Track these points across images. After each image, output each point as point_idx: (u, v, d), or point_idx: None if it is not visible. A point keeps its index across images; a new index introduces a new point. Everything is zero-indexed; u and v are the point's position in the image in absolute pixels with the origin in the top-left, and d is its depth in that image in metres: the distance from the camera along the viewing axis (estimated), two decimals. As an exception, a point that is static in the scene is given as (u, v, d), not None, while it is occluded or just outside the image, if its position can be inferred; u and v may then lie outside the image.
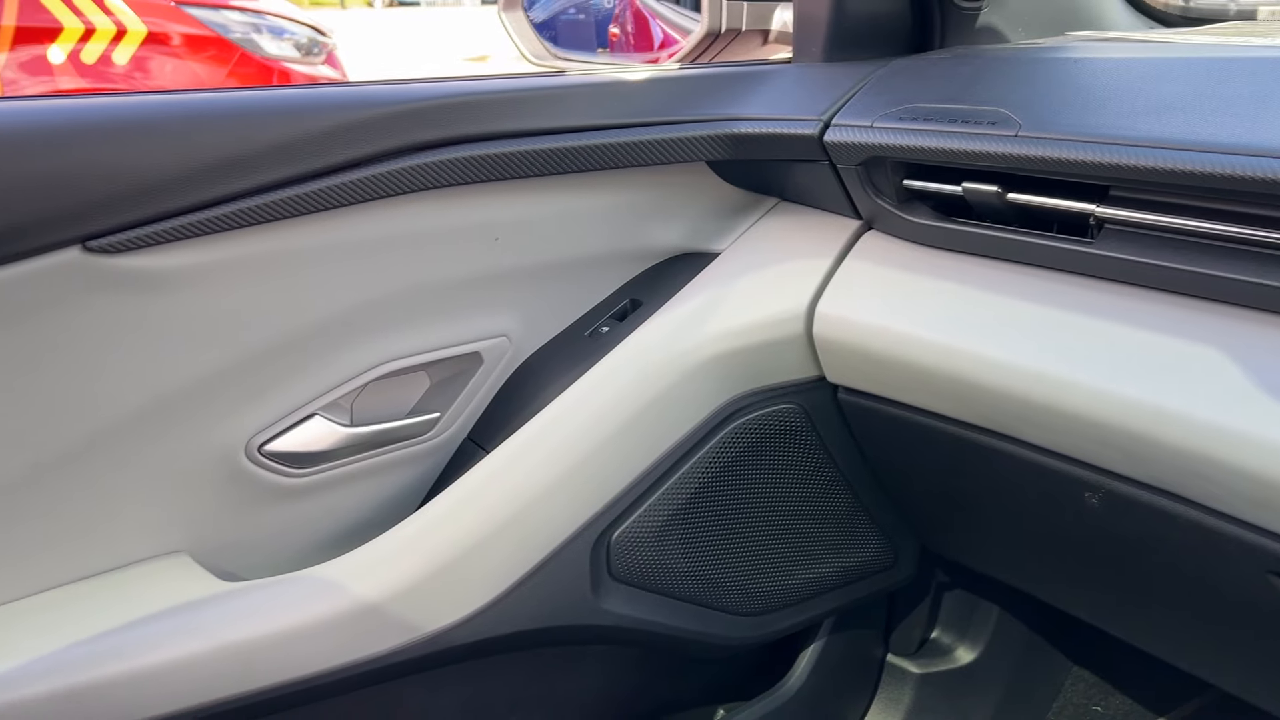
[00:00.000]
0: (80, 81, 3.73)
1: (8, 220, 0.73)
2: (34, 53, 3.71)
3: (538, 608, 0.94)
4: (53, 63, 3.74)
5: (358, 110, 0.85)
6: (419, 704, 1.01)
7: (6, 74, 3.66)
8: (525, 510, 0.92)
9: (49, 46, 3.70)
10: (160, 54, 3.93)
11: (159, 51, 3.92)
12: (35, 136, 0.74)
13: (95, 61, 3.78)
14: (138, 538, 0.86)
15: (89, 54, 3.77)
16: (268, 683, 0.83)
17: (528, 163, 0.91)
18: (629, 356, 0.96)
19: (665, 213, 1.03)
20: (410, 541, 0.89)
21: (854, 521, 1.10)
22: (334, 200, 0.85)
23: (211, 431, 0.87)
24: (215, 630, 0.82)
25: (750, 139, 0.96)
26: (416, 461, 0.99)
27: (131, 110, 0.78)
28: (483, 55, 12.10)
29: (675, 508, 0.99)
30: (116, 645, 0.79)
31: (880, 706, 1.29)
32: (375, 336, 0.93)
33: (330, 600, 0.86)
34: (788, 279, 0.97)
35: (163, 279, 0.81)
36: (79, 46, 3.74)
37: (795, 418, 1.01)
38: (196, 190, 0.79)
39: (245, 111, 0.81)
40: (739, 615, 1.07)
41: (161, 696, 0.80)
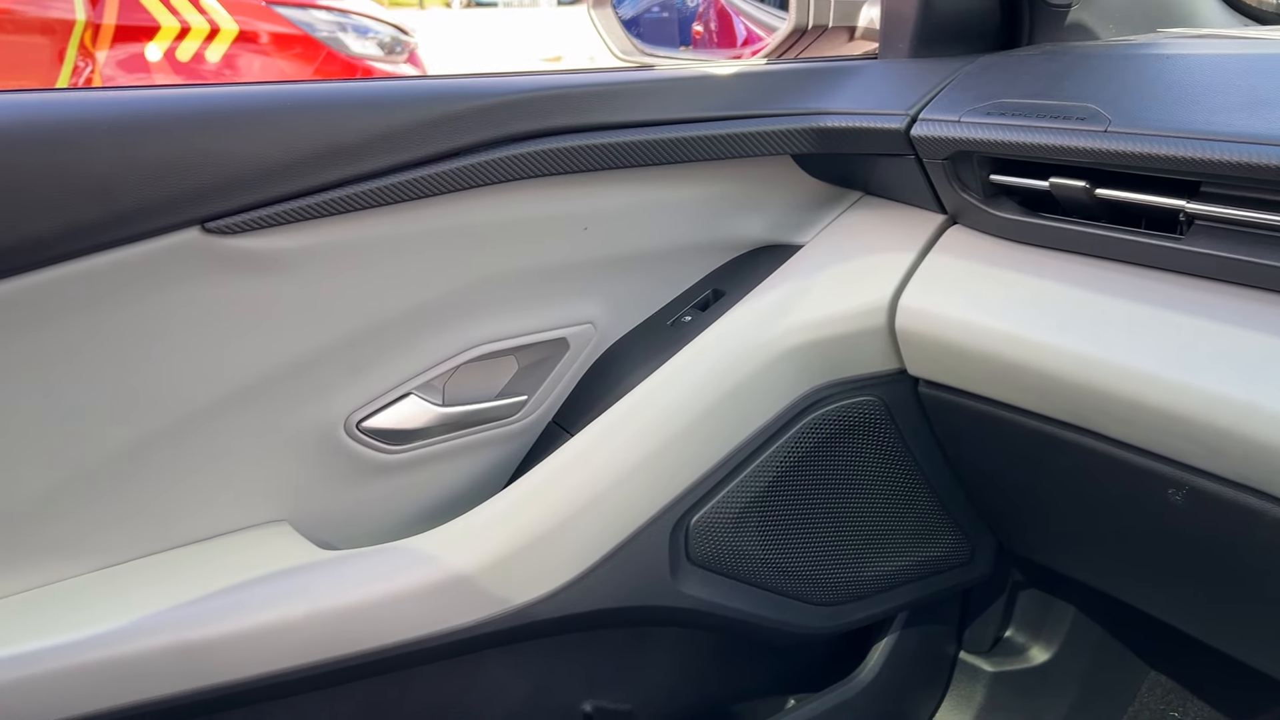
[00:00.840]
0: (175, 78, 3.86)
1: (135, 202, 0.77)
2: (132, 50, 3.85)
3: (618, 587, 0.96)
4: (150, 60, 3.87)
5: (459, 101, 0.88)
6: (499, 678, 1.04)
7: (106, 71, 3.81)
8: (607, 492, 0.95)
9: (147, 44, 3.84)
10: (250, 52, 4.05)
11: (249, 49, 4.04)
12: (160, 123, 0.79)
13: (189, 59, 3.91)
14: (244, 506, 0.91)
15: (184, 52, 3.90)
16: (361, 648, 0.87)
17: (618, 154, 0.94)
18: (711, 345, 0.98)
19: (750, 205, 1.05)
20: (498, 518, 0.93)
21: (930, 516, 1.10)
22: (434, 188, 0.88)
23: (314, 407, 0.91)
24: (314, 596, 0.86)
25: (836, 133, 0.97)
26: (504, 442, 1.02)
27: (249, 99, 0.82)
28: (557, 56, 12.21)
29: (753, 495, 1.00)
30: (223, 606, 0.84)
31: (951, 703, 1.29)
32: (468, 320, 0.97)
33: (421, 571, 0.89)
34: (871, 271, 0.98)
35: (274, 260, 0.85)
36: (175, 45, 3.87)
37: (875, 410, 1.02)
38: (306, 176, 0.83)
39: (354, 102, 0.85)
40: (813, 604, 1.09)
41: (262, 656, 0.84)
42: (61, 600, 0.83)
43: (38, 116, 0.77)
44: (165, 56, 3.87)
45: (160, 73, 3.92)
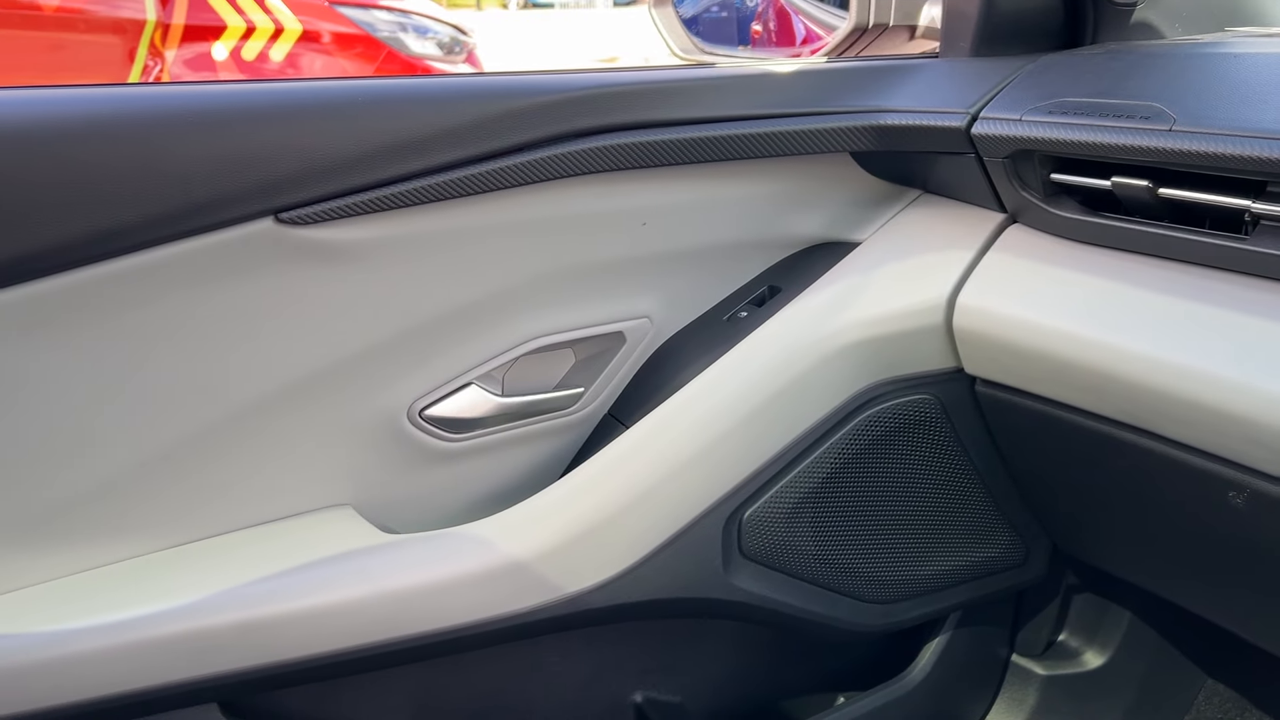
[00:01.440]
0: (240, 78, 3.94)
1: (212, 192, 0.80)
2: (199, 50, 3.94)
3: (671, 578, 0.97)
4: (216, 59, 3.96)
5: (521, 98, 0.90)
6: (552, 666, 1.06)
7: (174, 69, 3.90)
8: (662, 484, 0.96)
9: (213, 44, 3.93)
10: (312, 51, 4.12)
11: (311, 49, 4.11)
12: (236, 117, 0.82)
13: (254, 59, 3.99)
14: (310, 489, 0.94)
15: (249, 51, 3.98)
16: (419, 630, 0.89)
17: (678, 151, 0.95)
18: (767, 341, 0.99)
19: (807, 202, 1.05)
20: (554, 507, 0.94)
21: (985, 516, 1.10)
22: (498, 183, 0.90)
23: (379, 394, 0.94)
24: (375, 578, 0.89)
25: (896, 130, 0.98)
26: (561, 433, 1.04)
27: (321, 94, 0.85)
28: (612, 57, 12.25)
29: (807, 491, 1.01)
30: (288, 585, 0.86)
31: (1003, 705, 1.29)
32: (528, 313, 0.98)
33: (479, 557, 0.91)
34: (929, 269, 0.98)
35: (343, 251, 0.88)
36: (240, 44, 3.95)
37: (931, 408, 1.02)
38: (375, 169, 0.85)
39: (421, 97, 0.88)
40: (866, 602, 1.09)
41: (324, 635, 0.87)
42: (136, 576, 0.87)
43: (122, 110, 0.80)
44: (231, 55, 3.96)
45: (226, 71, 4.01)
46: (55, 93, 0.81)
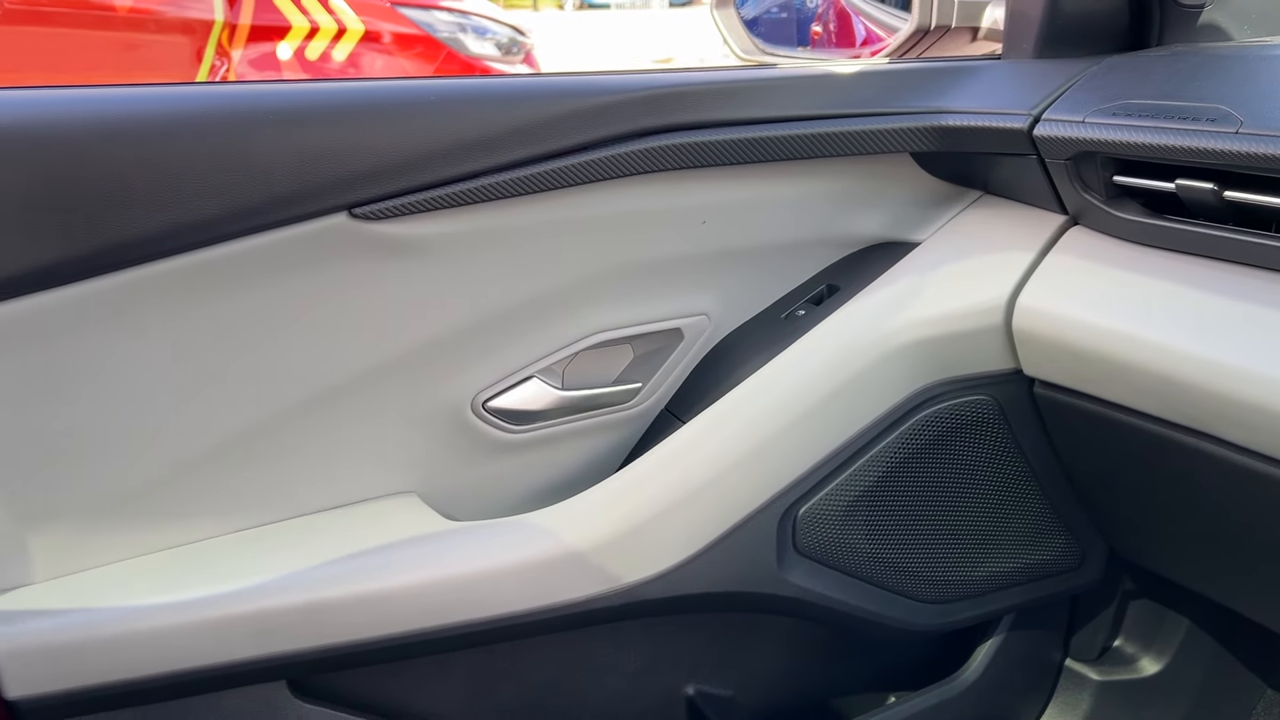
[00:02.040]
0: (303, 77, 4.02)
1: (291, 187, 0.83)
2: (264, 50, 4.02)
3: (725, 572, 0.99)
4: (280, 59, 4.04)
5: (587, 98, 0.92)
6: (607, 656, 1.08)
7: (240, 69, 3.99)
8: (718, 478, 0.97)
9: (278, 44, 4.01)
10: (373, 51, 4.18)
11: (372, 49, 4.18)
12: (315, 114, 0.85)
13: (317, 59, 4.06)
14: (377, 476, 0.97)
15: (312, 51, 4.06)
16: (479, 616, 0.92)
17: (739, 150, 0.97)
18: (824, 339, 1.00)
19: (867, 202, 1.06)
20: (611, 499, 0.96)
21: (1041, 519, 1.10)
22: (562, 181, 0.92)
23: (444, 386, 0.96)
24: (437, 564, 0.91)
25: (957, 131, 0.98)
26: (618, 427, 1.06)
27: (396, 93, 0.88)
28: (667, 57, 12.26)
29: (862, 489, 1.02)
30: (354, 569, 0.89)
31: (1056, 710, 1.28)
32: (589, 308, 1.00)
33: (537, 546, 0.93)
34: (988, 270, 0.99)
35: (413, 245, 0.90)
36: (304, 44, 4.03)
37: (988, 409, 1.02)
38: (445, 166, 0.88)
39: (490, 97, 0.90)
40: (919, 601, 1.09)
41: (388, 618, 0.89)
42: (210, 557, 0.90)
43: (208, 108, 0.83)
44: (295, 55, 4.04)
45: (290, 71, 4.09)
46: (145, 90, 0.85)
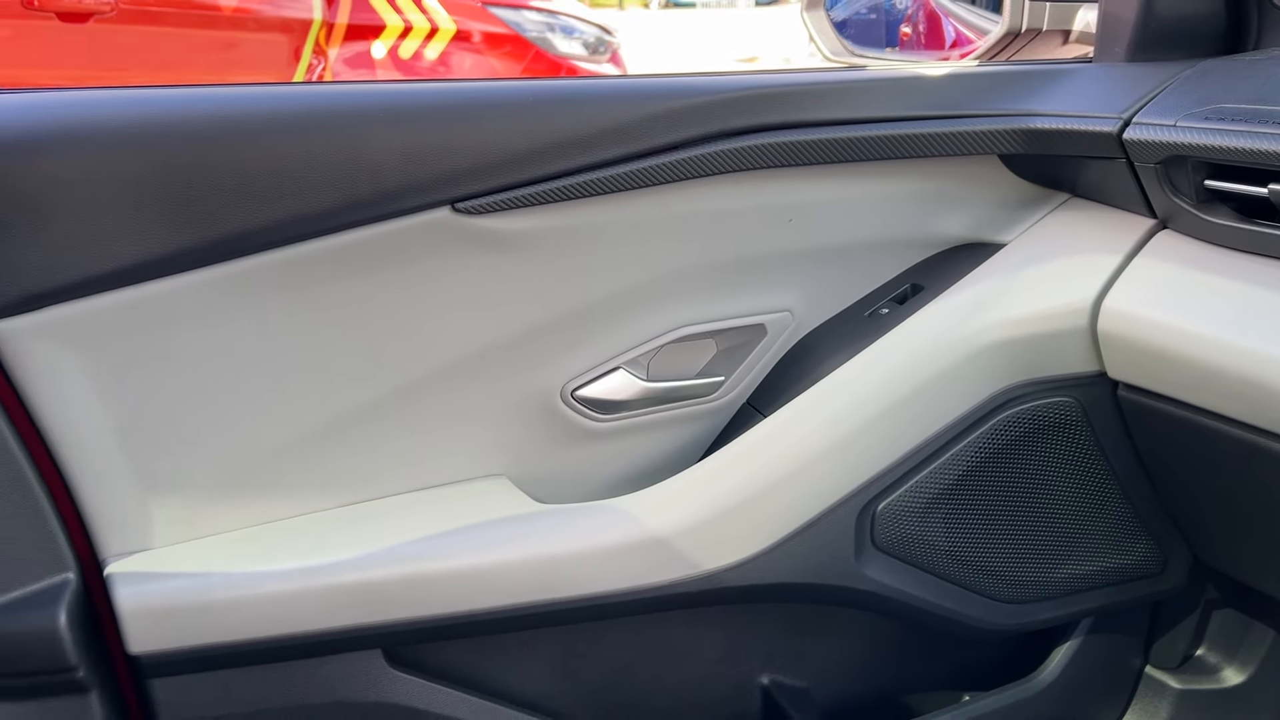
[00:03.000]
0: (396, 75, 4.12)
1: (399, 182, 0.88)
2: (359, 49, 4.13)
3: (802, 563, 1.01)
4: (375, 58, 4.15)
5: (679, 99, 0.95)
6: (684, 642, 1.11)
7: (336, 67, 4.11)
8: (798, 472, 0.99)
9: (373, 43, 4.12)
10: (463, 50, 4.27)
11: (463, 48, 4.26)
12: (423, 113, 0.90)
13: (409, 57, 4.16)
14: (470, 459, 1.01)
15: (405, 50, 4.15)
16: (563, 595, 0.95)
17: (825, 150, 0.99)
18: (907, 337, 1.02)
19: (953, 202, 1.07)
20: (693, 487, 0.99)
21: (1123, 523, 1.10)
22: (653, 179, 0.95)
23: (535, 374, 1.00)
24: (526, 544, 0.95)
25: (1046, 134, 0.99)
26: (700, 419, 1.09)
27: (498, 93, 0.92)
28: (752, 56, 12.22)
29: (942, 487, 1.03)
30: (449, 545, 0.94)
31: (1134, 716, 1.27)
32: (674, 303, 1.03)
33: (620, 531, 0.97)
34: (1074, 272, 0.99)
35: (511, 240, 0.94)
36: (398, 43, 4.12)
37: (1071, 411, 1.03)
38: (543, 164, 0.92)
39: (588, 98, 0.94)
40: (996, 600, 1.10)
41: (481, 593, 0.94)
42: (315, 529, 0.95)
43: (323, 106, 0.88)
44: (389, 54, 4.14)
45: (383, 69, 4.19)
46: (264, 89, 0.90)
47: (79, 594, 0.87)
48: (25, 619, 0.84)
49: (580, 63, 4.43)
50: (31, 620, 0.84)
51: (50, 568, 0.86)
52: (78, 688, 0.87)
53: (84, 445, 0.87)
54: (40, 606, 0.85)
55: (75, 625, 0.85)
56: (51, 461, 0.87)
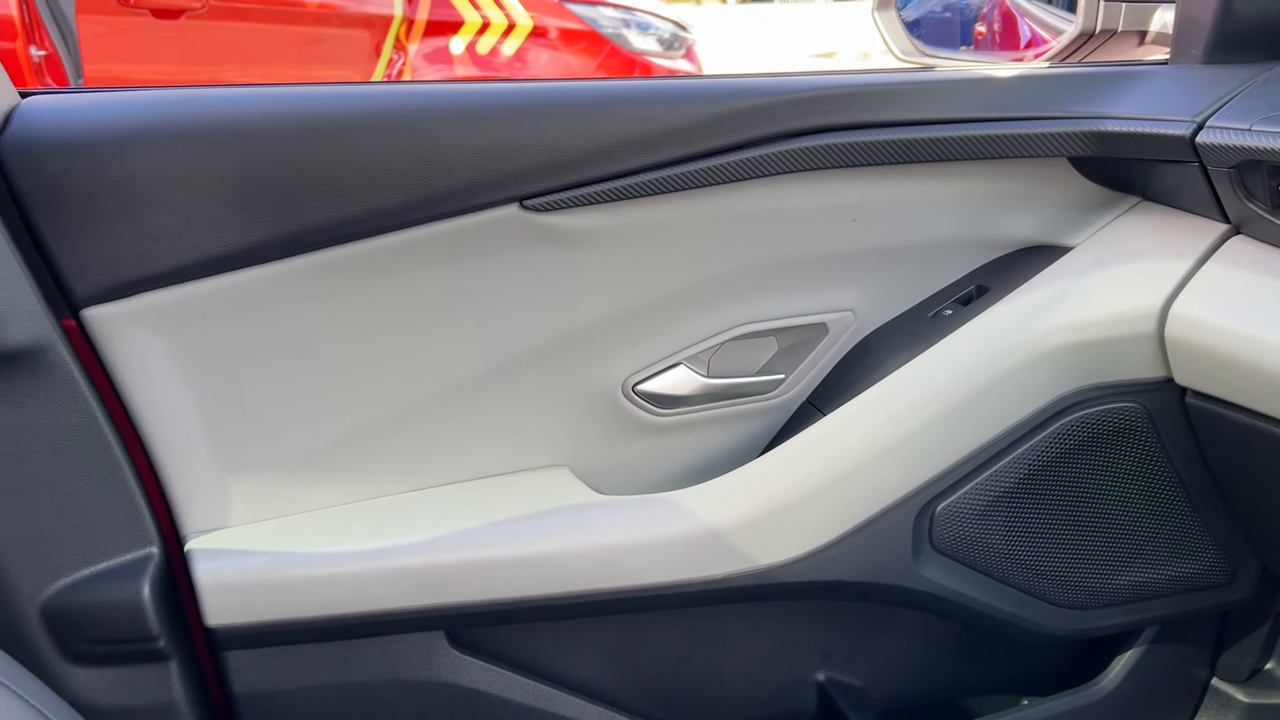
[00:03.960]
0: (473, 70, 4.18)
1: (470, 180, 0.91)
2: (438, 44, 4.20)
3: (859, 562, 1.01)
4: (453, 53, 4.22)
5: (745, 99, 0.96)
6: (740, 637, 1.12)
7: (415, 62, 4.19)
8: (856, 470, 1.00)
9: (451, 38, 4.18)
10: (539, 46, 4.31)
11: (539, 44, 4.30)
12: (493, 112, 0.92)
13: (487, 53, 4.22)
14: (531, 449, 1.04)
15: (483, 45, 4.21)
16: (624, 584, 0.97)
17: (891, 151, 0.99)
18: (971, 338, 1.01)
19: (1021, 205, 1.06)
20: (751, 483, 1.00)
21: (1189, 531, 1.08)
22: (718, 178, 0.97)
23: (597, 368, 1.03)
24: (585, 532, 0.97)
25: (1117, 137, 0.98)
26: (760, 416, 1.10)
27: (566, 94, 0.94)
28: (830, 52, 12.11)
29: (1002, 490, 1.02)
30: (511, 532, 0.96)
31: None
32: (736, 300, 1.05)
33: (679, 523, 0.98)
34: (1143, 276, 0.98)
35: (577, 236, 0.97)
36: (476, 39, 4.19)
37: (1137, 417, 1.02)
38: (609, 163, 0.94)
39: (655, 98, 0.95)
40: (1056, 605, 1.09)
41: (542, 579, 0.96)
42: (381, 513, 0.99)
43: (397, 105, 0.92)
44: (467, 50, 4.20)
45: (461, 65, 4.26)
46: (343, 89, 0.94)
47: (161, 568, 0.91)
48: (111, 589, 0.89)
49: (655, 59, 4.45)
50: (117, 591, 0.89)
51: (135, 542, 0.91)
52: (158, 657, 0.91)
53: (168, 427, 0.92)
54: (125, 578, 0.89)
55: (157, 597, 0.90)
56: (138, 441, 0.92)
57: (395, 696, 0.97)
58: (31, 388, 0.85)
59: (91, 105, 0.91)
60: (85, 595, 0.88)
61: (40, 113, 0.88)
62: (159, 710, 0.91)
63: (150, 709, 0.91)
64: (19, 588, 0.86)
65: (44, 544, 0.87)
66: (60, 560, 0.88)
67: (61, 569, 0.88)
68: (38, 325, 0.84)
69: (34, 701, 0.68)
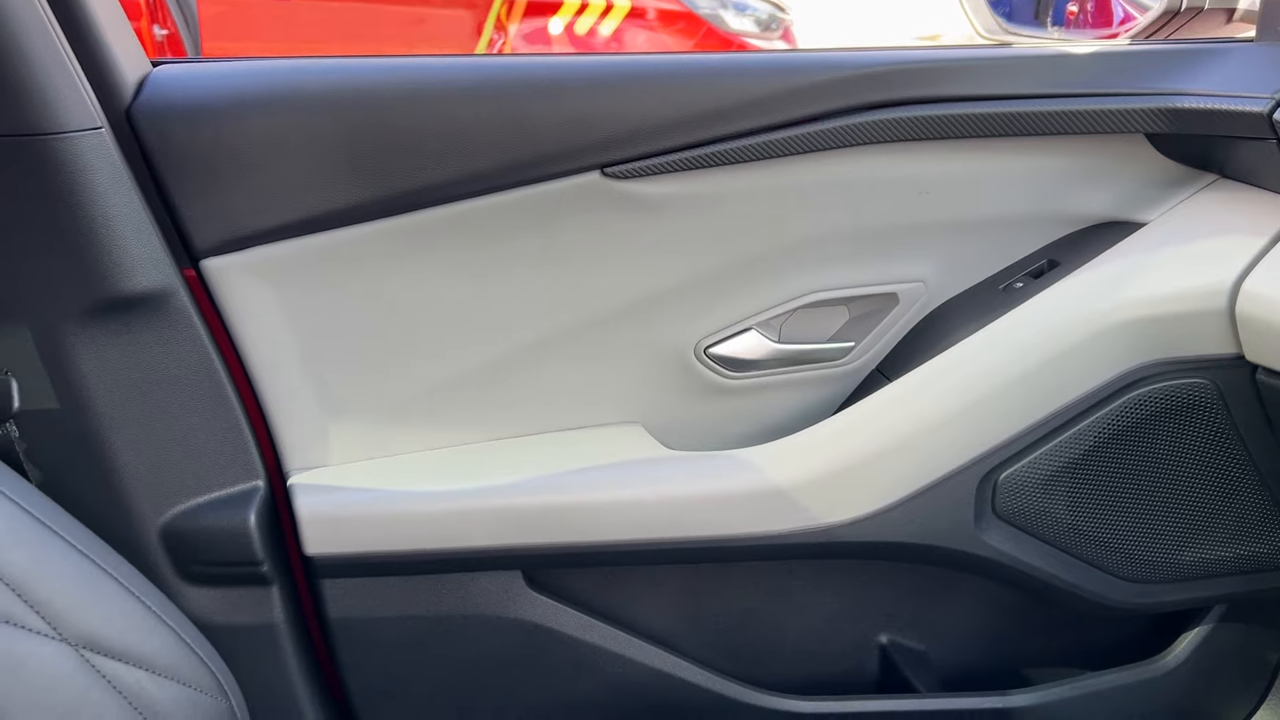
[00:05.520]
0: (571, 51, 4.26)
1: (556, 147, 0.97)
2: (538, 24, 4.28)
3: (921, 525, 1.04)
4: (551, 34, 4.29)
5: (818, 73, 1.00)
6: (806, 594, 1.16)
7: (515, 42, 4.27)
8: (921, 435, 1.03)
9: (551, 19, 4.26)
10: (636, 27, 4.35)
11: (636, 24, 4.35)
12: (579, 84, 0.98)
13: (585, 33, 4.28)
14: (609, 405, 1.09)
15: (581, 26, 4.27)
16: (692, 534, 1.02)
17: (962, 125, 1.01)
18: (1041, 310, 1.03)
19: (1096, 180, 1.07)
20: (817, 444, 1.04)
21: (1258, 510, 1.08)
22: (792, 149, 1.00)
23: (673, 330, 1.07)
24: (656, 484, 1.03)
25: (1194, 114, 0.98)
26: (828, 383, 1.13)
27: (647, 66, 0.99)
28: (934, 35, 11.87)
29: (1066, 461, 1.04)
30: (587, 479, 1.02)
31: (1270, 711, 1.24)
32: (808, 268, 1.08)
33: (745, 479, 1.03)
34: (1215, 252, 0.98)
35: (656, 203, 1.01)
36: (574, 19, 4.25)
37: (1206, 394, 1.02)
38: (688, 133, 0.98)
39: (732, 70, 1.00)
40: (1120, 579, 1.10)
41: (613, 525, 1.02)
42: (467, 458, 1.05)
43: (490, 77, 0.98)
44: (565, 30, 4.27)
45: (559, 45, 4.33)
46: (438, 60, 1.00)
47: (265, 500, 1.00)
48: (221, 517, 0.97)
49: (751, 39, 4.45)
50: (226, 518, 0.97)
51: (242, 475, 0.99)
52: (261, 580, 0.99)
53: (275, 371, 1.00)
54: (233, 508, 0.98)
55: (261, 526, 0.98)
56: (248, 383, 1.00)
57: (473, 630, 1.04)
58: (155, 330, 0.94)
59: (213, 73, 0.99)
60: (198, 521, 0.97)
61: (169, 81, 0.96)
62: (260, 629, 1.00)
63: (253, 627, 1.00)
64: (142, 511, 0.95)
65: (163, 472, 0.95)
66: (177, 488, 0.96)
67: (178, 496, 0.96)
68: (162, 273, 0.93)
69: (156, 609, 0.76)
